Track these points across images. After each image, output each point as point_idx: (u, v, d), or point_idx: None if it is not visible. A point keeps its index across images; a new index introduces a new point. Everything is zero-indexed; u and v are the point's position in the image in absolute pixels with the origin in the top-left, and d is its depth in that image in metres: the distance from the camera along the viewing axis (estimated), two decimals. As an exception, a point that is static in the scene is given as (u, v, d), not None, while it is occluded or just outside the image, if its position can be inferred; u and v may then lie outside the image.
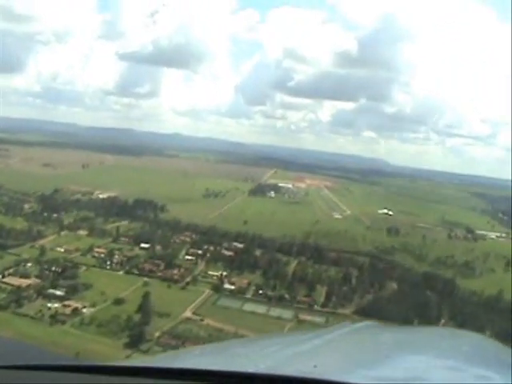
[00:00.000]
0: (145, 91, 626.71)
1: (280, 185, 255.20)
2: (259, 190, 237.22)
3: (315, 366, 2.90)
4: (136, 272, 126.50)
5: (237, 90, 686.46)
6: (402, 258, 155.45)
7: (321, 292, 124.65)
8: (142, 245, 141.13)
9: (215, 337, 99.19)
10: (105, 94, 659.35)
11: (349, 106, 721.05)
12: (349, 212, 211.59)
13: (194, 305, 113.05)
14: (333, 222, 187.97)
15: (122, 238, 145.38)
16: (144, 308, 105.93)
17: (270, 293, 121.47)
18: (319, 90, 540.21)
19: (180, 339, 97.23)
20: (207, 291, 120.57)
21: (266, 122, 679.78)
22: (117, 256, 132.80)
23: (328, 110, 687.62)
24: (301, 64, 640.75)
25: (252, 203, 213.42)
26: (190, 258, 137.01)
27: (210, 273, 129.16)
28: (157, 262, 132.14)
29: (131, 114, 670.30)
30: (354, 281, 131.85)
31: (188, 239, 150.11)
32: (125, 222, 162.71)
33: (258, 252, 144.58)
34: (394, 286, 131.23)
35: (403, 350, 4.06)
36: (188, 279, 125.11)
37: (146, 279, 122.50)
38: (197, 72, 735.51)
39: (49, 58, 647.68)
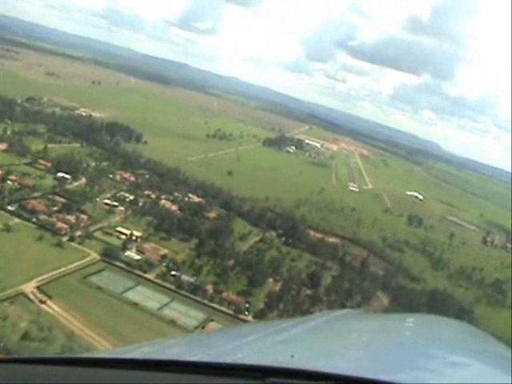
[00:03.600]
0: (206, 27, 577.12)
1: (307, 141, 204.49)
2: (278, 142, 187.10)
3: (292, 356, 2.69)
4: (12, 209, 79.54)
5: (299, 43, 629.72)
6: (413, 261, 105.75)
7: (267, 291, 75.72)
8: (60, 174, 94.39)
9: (38, 340, 52.74)
10: (167, 24, 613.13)
11: (411, 79, 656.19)
12: (370, 186, 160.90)
13: (51, 274, 65.97)
14: (343, 194, 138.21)
15: (42, 162, 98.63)
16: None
17: (186, 277, 73.02)
18: (383, 55, 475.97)
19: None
20: (93, 256, 73.01)
21: (326, 82, 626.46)
22: (9, 182, 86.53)
23: (390, 80, 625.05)
24: (367, 21, 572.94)
25: (259, 153, 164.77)
26: (109, 202, 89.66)
27: (120, 229, 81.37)
28: (57, 199, 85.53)
29: (191, 50, 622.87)
30: (325, 283, 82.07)
31: (132, 178, 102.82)
32: (75, 145, 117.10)
33: (212, 213, 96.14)
34: (382, 304, 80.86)
35: (383, 338, 3.73)
36: (79, 233, 77.57)
37: (16, 221, 75.99)
38: (259, 13, 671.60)
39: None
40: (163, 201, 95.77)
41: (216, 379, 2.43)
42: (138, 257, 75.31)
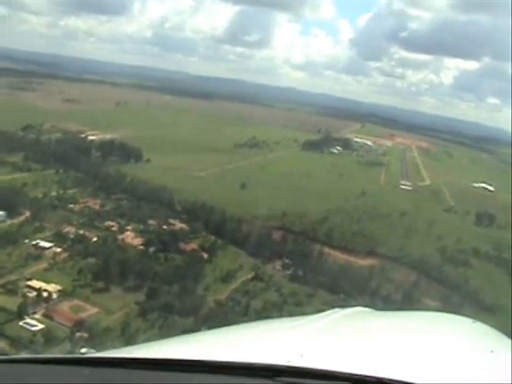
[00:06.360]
0: (255, 39, 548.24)
1: (356, 140, 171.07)
2: (321, 144, 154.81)
3: (302, 355, 2.59)
4: None
5: (351, 43, 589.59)
6: (485, 278, 72.05)
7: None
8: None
9: None
10: (217, 42, 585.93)
11: (472, 65, 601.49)
12: (428, 182, 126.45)
13: None
14: (391, 196, 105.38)
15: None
16: None
17: (103, 356, 42.77)
18: (437, 42, 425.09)
19: None
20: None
21: (384, 80, 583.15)
22: None
23: (449, 70, 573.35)
24: (414, 7, 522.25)
25: (294, 159, 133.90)
26: (40, 243, 60.82)
27: (31, 283, 52.57)
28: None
29: (246, 65, 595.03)
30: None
31: (97, 207, 74.06)
32: (49, 172, 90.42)
33: (193, 243, 65.97)
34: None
35: (394, 336, 3.50)
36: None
37: None
38: (304, 17, 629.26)
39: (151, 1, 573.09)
40: (127, 233, 66.54)
41: (225, 378, 2.33)
42: (39, 326, 45.99)
